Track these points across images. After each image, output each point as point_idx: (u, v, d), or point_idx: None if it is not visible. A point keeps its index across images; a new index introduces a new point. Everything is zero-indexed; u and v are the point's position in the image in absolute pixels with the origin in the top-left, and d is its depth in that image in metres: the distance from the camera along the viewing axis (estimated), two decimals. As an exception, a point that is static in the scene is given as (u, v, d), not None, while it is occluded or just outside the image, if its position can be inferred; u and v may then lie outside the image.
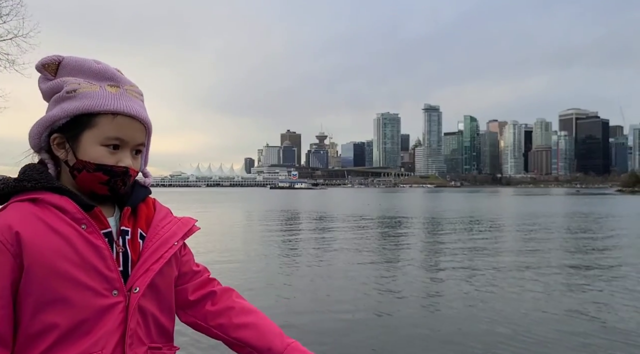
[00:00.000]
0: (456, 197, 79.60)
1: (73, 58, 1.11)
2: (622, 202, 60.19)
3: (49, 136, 1.09)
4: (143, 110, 1.12)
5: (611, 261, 12.83)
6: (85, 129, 1.06)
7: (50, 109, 1.10)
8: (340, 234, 19.97)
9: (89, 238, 1.02)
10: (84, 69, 1.09)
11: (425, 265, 12.07)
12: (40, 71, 1.11)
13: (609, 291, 9.22)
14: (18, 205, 1.02)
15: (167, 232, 1.16)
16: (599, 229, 22.47)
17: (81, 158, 1.06)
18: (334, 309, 7.47)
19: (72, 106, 1.05)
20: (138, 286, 1.06)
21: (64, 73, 1.10)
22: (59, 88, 1.08)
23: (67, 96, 1.07)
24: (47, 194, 1.03)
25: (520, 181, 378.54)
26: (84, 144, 1.06)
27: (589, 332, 6.55)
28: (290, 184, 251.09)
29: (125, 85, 1.11)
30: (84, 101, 1.06)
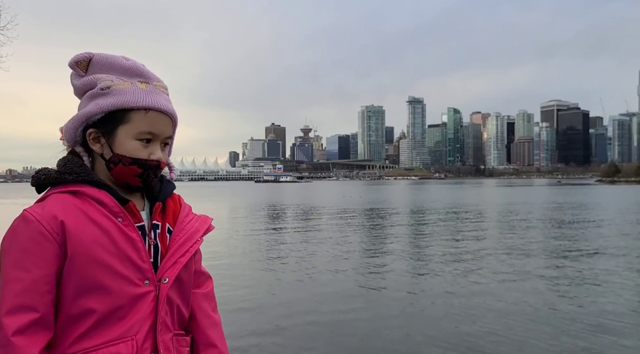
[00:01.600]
0: (440, 189, 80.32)
1: (103, 55, 1.16)
2: (602, 192, 61.50)
3: (84, 130, 1.15)
4: (170, 104, 1.19)
5: (593, 250, 13.04)
6: (120, 124, 1.12)
7: (84, 104, 1.15)
8: (322, 228, 19.95)
9: (125, 231, 1.10)
10: (115, 66, 1.15)
11: (407, 259, 12.04)
12: (72, 68, 1.16)
13: (590, 281, 9.32)
14: (59, 196, 1.09)
15: (192, 228, 1.24)
16: (579, 219, 22.86)
17: (117, 152, 1.13)
18: (317, 309, 7.35)
19: (107, 102, 1.11)
20: (167, 277, 1.15)
21: (95, 70, 1.15)
22: (92, 85, 1.13)
23: (101, 92, 1.12)
24: (86, 187, 1.11)
25: (503, 172, 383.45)
26: (120, 139, 1.13)
27: (567, 326, 6.62)
28: (275, 177, 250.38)
29: (154, 81, 1.18)
30: (118, 97, 1.11)
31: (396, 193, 64.31)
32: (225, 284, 8.50)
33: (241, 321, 6.51)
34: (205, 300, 1.31)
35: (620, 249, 13.35)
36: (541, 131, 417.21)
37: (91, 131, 1.14)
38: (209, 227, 1.29)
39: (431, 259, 11.88)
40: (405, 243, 15.23)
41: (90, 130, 1.14)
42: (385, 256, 12.46)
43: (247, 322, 6.53)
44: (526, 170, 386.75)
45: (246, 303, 7.55)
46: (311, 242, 15.10)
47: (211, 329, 1.29)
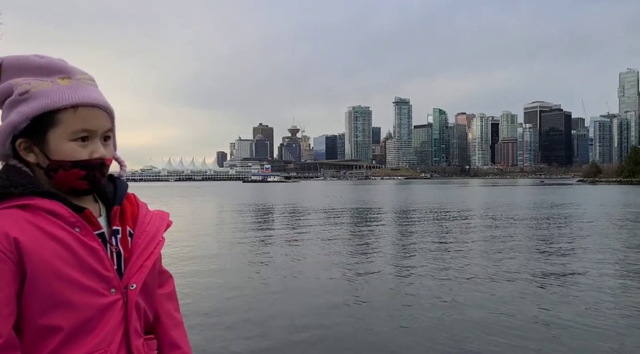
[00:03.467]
0: (425, 189, 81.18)
1: (14, 57, 1.06)
2: (583, 191, 62.96)
3: (13, 142, 1.05)
4: (101, 96, 1.09)
5: (577, 248, 13.61)
6: (49, 128, 1.03)
7: (5, 115, 1.06)
8: (307, 229, 20.29)
9: (84, 241, 1.03)
10: (29, 67, 1.05)
11: (393, 259, 12.19)
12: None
13: (571, 282, 9.64)
14: (7, 212, 0.99)
15: (153, 228, 1.18)
16: (561, 218, 23.60)
17: (54, 158, 1.04)
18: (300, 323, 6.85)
19: (30, 107, 1.02)
20: (134, 283, 1.10)
21: (9, 75, 1.05)
22: (9, 91, 1.04)
23: (20, 98, 1.03)
24: (36, 199, 1.01)
25: (488, 172, 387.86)
26: (53, 144, 1.03)
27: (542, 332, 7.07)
28: (263, 177, 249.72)
29: (77, 74, 1.07)
30: (40, 100, 1.02)
31: (383, 193, 64.91)
32: (203, 291, 8.32)
33: (217, 336, 6.08)
34: (168, 301, 1.28)
35: (605, 248, 13.83)
36: (525, 132, 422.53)
37: (20, 141, 1.05)
38: (168, 224, 1.24)
39: (417, 262, 12.03)
40: (391, 244, 15.63)
41: (19, 140, 1.05)
42: (370, 258, 12.53)
43: (226, 337, 6.08)
44: (510, 170, 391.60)
45: (226, 316, 6.96)
46: (297, 243, 15.08)
47: (175, 330, 1.26)
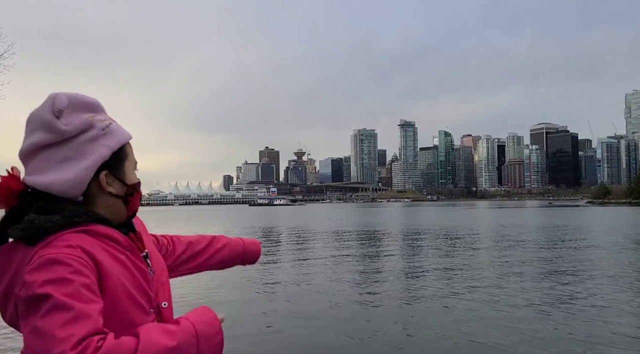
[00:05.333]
0: (432, 211, 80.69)
1: (71, 95, 1.11)
2: (593, 213, 62.22)
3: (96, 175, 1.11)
4: None
5: (588, 273, 13.32)
6: (124, 159, 1.16)
7: (86, 149, 1.08)
8: (314, 252, 20.10)
9: (137, 262, 1.12)
10: (88, 104, 1.12)
11: (401, 286, 11.81)
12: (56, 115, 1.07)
13: (582, 304, 9.45)
14: (74, 236, 1.03)
15: (149, 242, 1.26)
16: (572, 240, 23.22)
17: (129, 183, 1.17)
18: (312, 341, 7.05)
19: (114, 141, 1.11)
20: (165, 301, 1.17)
21: (72, 110, 1.09)
22: (88, 126, 1.09)
23: (103, 133, 1.10)
24: (96, 225, 1.08)
25: (495, 194, 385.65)
26: (127, 173, 1.17)
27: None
28: (269, 200, 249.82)
29: None
30: (117, 135, 1.13)
31: (390, 216, 64.52)
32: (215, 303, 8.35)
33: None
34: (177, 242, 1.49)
35: (619, 272, 13.58)
36: (531, 154, 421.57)
37: (105, 173, 1.12)
38: (144, 226, 1.32)
39: (425, 284, 11.98)
40: (399, 269, 15.40)
41: (104, 172, 1.11)
42: (378, 282, 12.35)
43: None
44: (517, 192, 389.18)
45: (237, 340, 6.79)
46: (304, 268, 14.97)
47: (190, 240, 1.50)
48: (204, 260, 1.49)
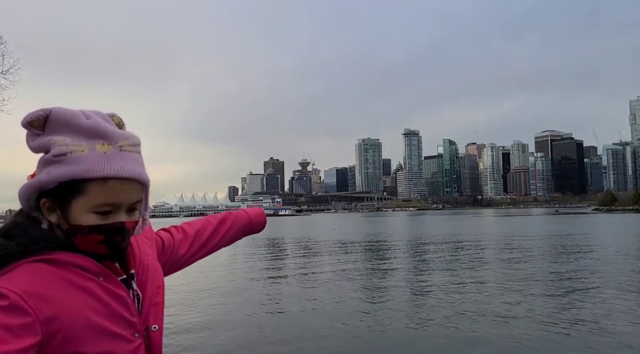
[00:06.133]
0: (438, 220, 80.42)
1: (62, 112, 1.00)
2: (601, 221, 61.83)
3: (38, 198, 1.02)
4: (138, 165, 1.03)
5: (598, 282, 13.22)
6: (74, 196, 0.99)
7: (39, 169, 1.02)
8: (319, 262, 20.14)
9: (111, 289, 1.02)
10: (73, 126, 0.99)
11: (408, 303, 11.56)
12: (26, 128, 1.01)
13: (592, 310, 9.52)
14: (32, 266, 0.96)
15: (148, 256, 1.17)
16: (581, 248, 23.12)
17: (72, 223, 1.00)
18: None
19: (60, 172, 0.98)
20: (156, 324, 1.09)
21: (53, 129, 1.00)
22: (46, 148, 1.00)
23: (54, 159, 0.98)
24: (59, 253, 1.00)
25: (500, 202, 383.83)
26: (74, 211, 1.00)
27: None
28: (275, 211, 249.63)
29: (118, 141, 1.01)
30: (72, 166, 0.98)
31: (396, 225, 64.37)
32: (219, 328, 8.34)
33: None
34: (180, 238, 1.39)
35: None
36: (536, 161, 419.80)
37: (44, 201, 1.02)
38: (156, 239, 1.27)
39: (432, 294, 12.02)
40: (406, 279, 15.43)
41: (44, 200, 1.01)
42: (385, 293, 12.43)
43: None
44: (523, 200, 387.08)
45: None
46: (310, 278, 15.08)
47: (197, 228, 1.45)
48: (214, 245, 1.47)
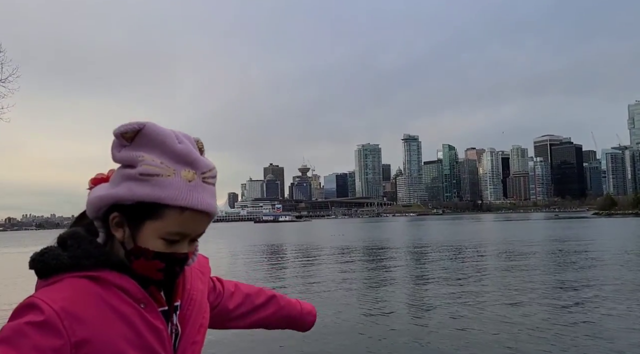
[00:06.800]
0: (438, 225, 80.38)
1: (155, 129, 0.98)
2: (601, 225, 61.84)
3: (109, 211, 0.99)
4: (214, 199, 1.02)
5: (599, 284, 13.28)
6: (149, 218, 0.97)
7: (117, 182, 0.99)
8: (320, 269, 20.17)
9: (149, 319, 0.99)
10: (165, 147, 0.97)
11: (410, 308, 11.61)
12: (117, 138, 0.98)
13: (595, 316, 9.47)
14: (77, 282, 0.94)
15: (198, 292, 1.13)
16: (581, 253, 23.16)
17: (139, 244, 0.98)
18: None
19: (143, 191, 0.95)
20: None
21: (141, 143, 0.97)
22: (132, 163, 0.97)
23: (139, 177, 0.96)
24: (106, 272, 0.97)
25: (500, 206, 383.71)
26: (144, 234, 0.98)
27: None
28: (275, 217, 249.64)
29: (203, 170, 1.00)
30: (157, 189, 0.95)
31: (396, 230, 64.34)
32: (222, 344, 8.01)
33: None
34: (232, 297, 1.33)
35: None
36: (536, 166, 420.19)
37: (115, 216, 0.98)
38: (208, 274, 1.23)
39: (434, 302, 12.05)
40: (407, 286, 15.45)
41: (115, 214, 0.98)
42: (385, 301, 12.34)
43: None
44: (523, 204, 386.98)
45: None
46: (311, 285, 15.11)
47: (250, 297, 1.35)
48: (263, 318, 1.36)
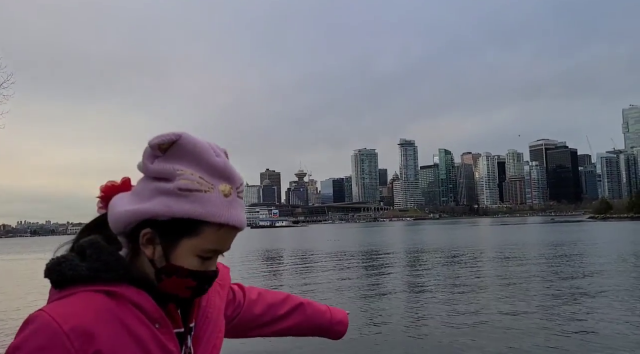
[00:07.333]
0: (435, 230, 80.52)
1: (192, 140, 0.91)
2: (597, 229, 62.12)
3: (139, 226, 0.91)
4: (244, 213, 0.97)
5: (598, 288, 13.29)
6: (185, 235, 0.91)
7: (147, 195, 0.91)
8: (316, 274, 20.23)
9: (163, 342, 0.92)
10: (202, 160, 0.91)
11: (405, 316, 11.24)
12: (152, 149, 0.91)
13: (593, 320, 9.47)
14: (92, 297, 0.87)
15: (215, 309, 1.06)
16: (578, 257, 23.32)
17: (173, 262, 0.91)
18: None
19: (182, 208, 0.88)
20: None
21: (178, 155, 0.90)
22: (169, 176, 0.90)
23: (178, 193, 0.88)
24: (124, 287, 0.90)
25: (497, 210, 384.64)
26: (180, 251, 0.91)
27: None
28: (271, 222, 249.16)
29: (237, 184, 0.95)
30: (197, 205, 0.89)
31: (393, 235, 64.42)
32: None
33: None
34: (254, 304, 1.25)
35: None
36: (531, 170, 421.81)
37: (147, 232, 0.91)
38: (228, 285, 1.17)
39: (429, 308, 12.06)
40: (404, 290, 15.53)
41: (147, 230, 0.90)
42: (382, 306, 12.42)
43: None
44: (519, 208, 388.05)
45: None
46: (307, 291, 15.09)
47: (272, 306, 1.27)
48: (286, 328, 1.28)
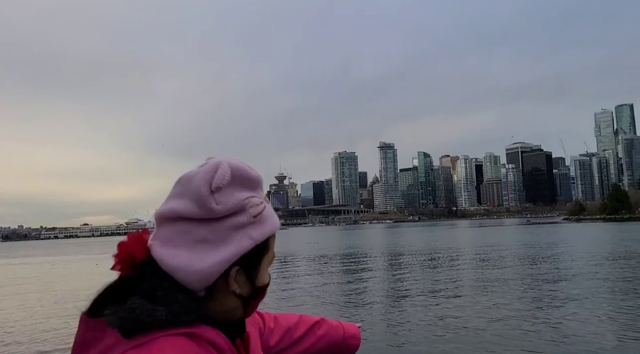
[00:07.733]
0: (414, 232, 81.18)
1: (233, 166, 0.91)
2: (571, 230, 63.56)
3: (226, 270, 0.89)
4: None
5: (572, 288, 13.53)
6: (264, 254, 0.92)
7: (225, 236, 0.88)
8: (298, 276, 20.04)
9: None
10: (247, 180, 0.92)
11: (387, 307, 12.00)
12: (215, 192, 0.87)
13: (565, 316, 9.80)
14: (173, 341, 0.83)
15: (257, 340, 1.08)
16: (553, 258, 23.64)
17: (258, 285, 0.92)
18: None
19: (261, 233, 0.89)
20: None
21: (231, 184, 0.89)
22: (239, 209, 0.88)
23: (253, 220, 0.89)
24: (202, 327, 0.87)
25: (475, 213, 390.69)
26: (262, 270, 0.93)
27: None
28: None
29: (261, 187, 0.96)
30: (267, 225, 0.90)
31: (373, 237, 64.54)
32: None
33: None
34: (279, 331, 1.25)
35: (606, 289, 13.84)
36: (508, 173, 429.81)
37: (236, 270, 0.90)
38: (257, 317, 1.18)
39: (410, 312, 12.08)
40: (385, 292, 15.48)
41: (236, 268, 0.89)
42: (363, 308, 12.55)
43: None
44: (496, 210, 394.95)
45: None
46: (287, 295, 15.04)
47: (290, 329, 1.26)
48: (302, 350, 1.28)
